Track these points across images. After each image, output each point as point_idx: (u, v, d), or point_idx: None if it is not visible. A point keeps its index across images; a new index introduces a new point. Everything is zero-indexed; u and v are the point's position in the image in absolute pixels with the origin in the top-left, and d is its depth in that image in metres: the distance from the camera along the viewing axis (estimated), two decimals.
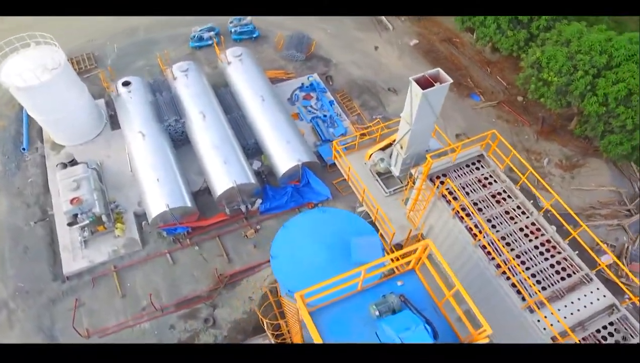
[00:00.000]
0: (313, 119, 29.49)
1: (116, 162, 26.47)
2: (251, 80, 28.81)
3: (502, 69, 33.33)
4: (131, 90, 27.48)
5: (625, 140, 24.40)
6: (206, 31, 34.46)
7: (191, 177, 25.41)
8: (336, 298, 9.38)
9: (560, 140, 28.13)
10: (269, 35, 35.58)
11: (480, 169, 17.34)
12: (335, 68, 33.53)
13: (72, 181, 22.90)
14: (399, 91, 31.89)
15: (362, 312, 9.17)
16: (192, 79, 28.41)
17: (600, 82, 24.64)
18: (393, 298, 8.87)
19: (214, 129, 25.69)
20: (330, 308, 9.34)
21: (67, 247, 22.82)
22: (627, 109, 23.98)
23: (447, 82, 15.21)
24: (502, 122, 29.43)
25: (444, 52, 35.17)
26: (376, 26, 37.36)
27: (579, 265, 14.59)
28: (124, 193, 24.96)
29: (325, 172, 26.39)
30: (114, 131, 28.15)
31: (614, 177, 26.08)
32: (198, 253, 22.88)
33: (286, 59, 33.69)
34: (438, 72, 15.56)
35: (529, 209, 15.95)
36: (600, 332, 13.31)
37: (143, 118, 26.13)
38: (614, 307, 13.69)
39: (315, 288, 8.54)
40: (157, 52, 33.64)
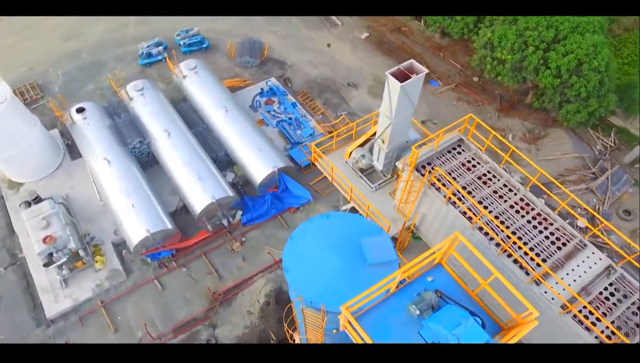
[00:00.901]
0: (278, 123, 29.27)
1: (82, 192, 25.28)
2: (211, 92, 28.20)
3: (453, 53, 34.21)
4: (86, 116, 26.24)
5: (582, 108, 25.64)
6: (154, 46, 33.40)
7: (165, 198, 24.64)
8: (372, 304, 9.36)
9: (520, 115, 29.24)
10: (219, 44, 34.93)
11: (462, 153, 17.77)
12: (291, 69, 33.36)
13: (41, 219, 21.73)
14: (359, 85, 32.14)
15: (399, 313, 9.19)
16: (149, 97, 27.49)
17: (551, 55, 25.75)
18: (430, 295, 8.94)
19: (181, 146, 24.99)
20: (368, 315, 9.31)
21: (46, 289, 21.62)
22: (579, 78, 25.18)
23: (422, 72, 15.36)
24: (463, 104, 30.25)
25: (395, 42, 35.72)
26: (325, 23, 37.43)
27: (571, 233, 15.23)
28: (97, 224, 23.90)
29: (301, 175, 26.28)
30: (75, 161, 26.86)
31: (574, 144, 27.39)
32: (186, 274, 22.25)
33: (241, 66, 33.20)
34: (412, 64, 15.71)
35: (515, 186, 16.49)
36: (603, 294, 13.97)
37: (105, 144, 25.06)
38: (611, 268, 14.39)
39: (359, 298, 8.42)
40: (105, 73, 32.35)
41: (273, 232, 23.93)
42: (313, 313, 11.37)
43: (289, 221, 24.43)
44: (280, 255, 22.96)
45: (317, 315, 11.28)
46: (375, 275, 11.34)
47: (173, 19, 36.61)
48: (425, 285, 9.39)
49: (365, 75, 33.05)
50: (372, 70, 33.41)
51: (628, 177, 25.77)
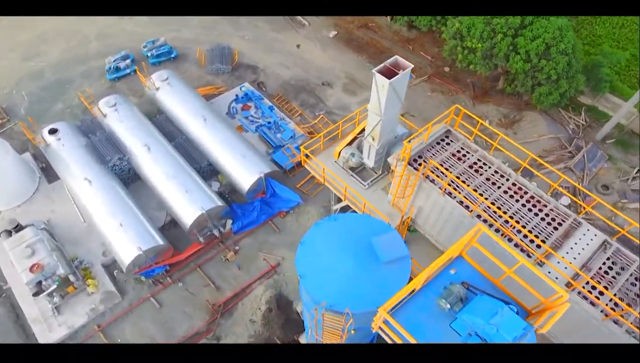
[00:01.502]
0: (258, 128, 29.10)
1: (64, 216, 24.54)
2: (186, 102, 27.82)
3: (422, 45, 34.74)
4: (60, 137, 25.52)
5: (553, 89, 26.51)
6: (121, 60, 32.65)
7: (152, 214, 24.18)
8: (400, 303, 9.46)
9: (494, 101, 29.97)
10: (187, 53, 34.45)
11: (450, 143, 18.05)
12: (264, 73, 33.21)
13: (25, 247, 21.04)
14: (333, 84, 32.27)
15: (428, 309, 9.32)
16: (123, 112, 26.90)
17: (519, 41, 26.48)
18: (457, 288, 9.10)
19: (163, 160, 24.60)
20: (397, 314, 9.39)
21: (37, 319, 20.92)
22: (548, 62, 26.01)
23: (408, 67, 15.52)
24: (437, 94, 30.78)
25: (364, 38, 36.00)
26: (292, 24, 37.39)
27: (565, 213, 15.72)
28: (84, 246, 23.26)
29: (286, 178, 26.23)
30: (52, 184, 26.03)
31: (549, 125, 28.28)
32: (183, 289, 21.92)
33: (212, 74, 32.82)
34: (396, 60, 15.85)
35: (506, 172, 16.87)
36: (602, 268, 14.50)
37: (83, 164, 24.43)
38: (607, 243, 14.93)
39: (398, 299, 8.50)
40: (72, 91, 31.48)
41: (265, 238, 23.84)
42: (334, 317, 11.41)
43: (280, 225, 24.37)
44: (275, 260, 23.03)
45: (338, 318, 11.33)
46: (390, 273, 11.54)
47: (135, 31, 35.95)
48: (450, 279, 9.55)
49: (338, 74, 33.19)
50: (344, 68, 33.59)
51: (602, 153, 26.81)
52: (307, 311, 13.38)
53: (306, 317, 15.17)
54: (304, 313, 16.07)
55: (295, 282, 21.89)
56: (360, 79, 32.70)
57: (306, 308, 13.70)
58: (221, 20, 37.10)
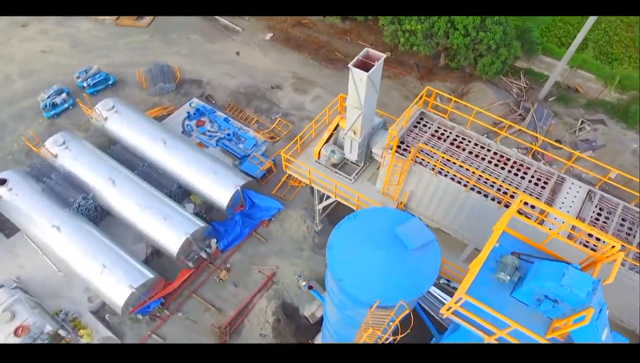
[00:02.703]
0: (218, 141, 28.57)
1: (35, 269, 22.94)
2: (140, 128, 26.78)
3: (359, 34, 35.43)
4: (11, 187, 23.80)
5: (495, 58, 28.03)
6: (55, 95, 30.72)
7: (131, 248, 23.17)
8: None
9: (440, 78, 31.22)
10: (124, 78, 33.01)
11: (427, 125, 18.74)
12: (210, 86, 32.54)
13: (3, 312, 19.64)
14: (282, 86, 32.22)
15: (486, 284, 9.74)
16: (75, 149, 25.48)
17: (456, 17, 27.72)
18: (510, 259, 9.60)
19: (131, 191, 23.62)
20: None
21: None
22: (486, 33, 27.47)
23: (381, 57, 16.03)
24: (385, 80, 31.53)
25: (301, 36, 36.14)
26: (225, 32, 36.83)
27: (548, 171, 16.84)
28: (65, 297, 21.92)
29: (260, 186, 26.01)
30: (12, 238, 24.20)
31: (495, 92, 29.88)
32: (183, 318, 21.24)
33: (157, 95, 31.69)
34: (368, 52, 16.32)
35: (486, 143, 17.79)
36: (593, 216, 15.71)
37: (45, 210, 22.93)
38: (591, 192, 16.18)
39: (469, 280, 8.83)
40: (8, 137, 29.29)
41: (254, 250, 23.58)
42: (382, 313, 11.62)
43: (266, 234, 24.19)
44: (270, 270, 22.84)
45: (386, 314, 11.55)
46: (421, 258, 11.90)
47: (60, 62, 34.00)
48: (498, 252, 10.02)
49: (285, 75, 33.16)
50: (289, 69, 33.62)
51: (548, 110, 28.76)
52: (344, 312, 13.49)
53: (334, 320, 15.19)
54: (328, 318, 16.06)
55: (296, 287, 21.88)
56: (307, 77, 32.87)
57: (340, 310, 13.77)
58: (151, 40, 35.86)
